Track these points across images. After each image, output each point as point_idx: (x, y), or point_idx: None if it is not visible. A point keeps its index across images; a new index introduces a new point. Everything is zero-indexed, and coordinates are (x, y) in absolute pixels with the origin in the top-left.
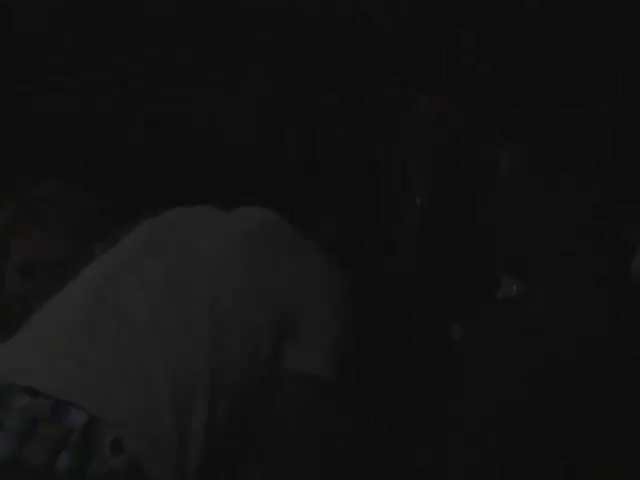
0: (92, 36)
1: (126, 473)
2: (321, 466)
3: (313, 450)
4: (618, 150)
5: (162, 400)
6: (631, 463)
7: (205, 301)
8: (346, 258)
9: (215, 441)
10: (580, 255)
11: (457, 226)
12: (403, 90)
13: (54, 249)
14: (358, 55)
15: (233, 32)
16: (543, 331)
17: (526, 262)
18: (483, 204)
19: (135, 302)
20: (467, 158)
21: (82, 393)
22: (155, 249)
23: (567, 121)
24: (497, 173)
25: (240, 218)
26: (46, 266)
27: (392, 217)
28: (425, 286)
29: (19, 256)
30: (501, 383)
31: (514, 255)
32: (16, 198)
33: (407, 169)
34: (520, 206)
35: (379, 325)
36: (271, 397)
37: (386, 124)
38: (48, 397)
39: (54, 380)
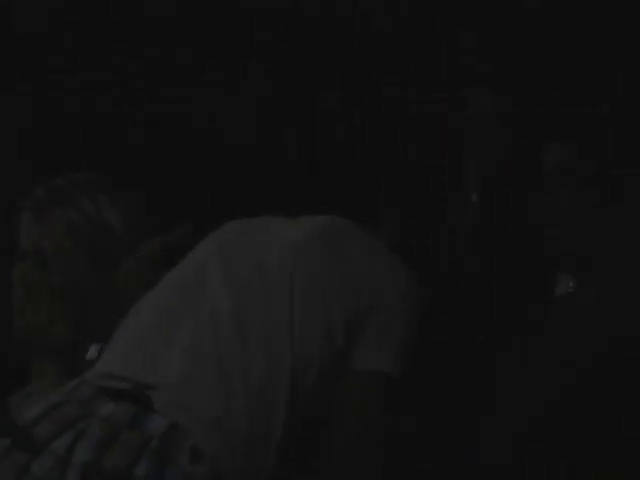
0: (92, 36)
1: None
2: (383, 465)
3: (376, 447)
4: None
5: (239, 399)
6: None
7: (284, 297)
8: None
9: (289, 440)
10: (636, 254)
11: (514, 223)
12: (403, 90)
13: (44, 244)
14: (358, 55)
15: (233, 32)
16: (590, 328)
17: (582, 260)
18: (536, 202)
19: (214, 299)
20: (525, 157)
21: (161, 392)
22: (226, 255)
23: (619, 120)
24: (547, 172)
25: (310, 221)
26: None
27: (439, 216)
28: (481, 284)
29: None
30: (544, 382)
31: (571, 253)
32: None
33: (465, 168)
34: (579, 204)
35: (439, 325)
36: (334, 394)
37: (386, 124)
38: (131, 405)
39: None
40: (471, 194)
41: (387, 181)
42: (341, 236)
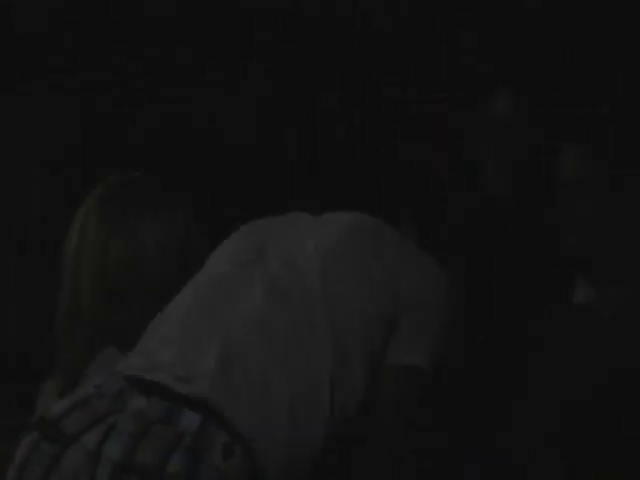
0: (92, 36)
1: (238, 477)
2: (418, 460)
3: (414, 442)
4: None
5: (280, 404)
6: None
7: (320, 304)
8: None
9: (329, 441)
10: None
11: (536, 227)
12: (403, 90)
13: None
14: (358, 55)
15: (233, 32)
16: (614, 335)
17: (591, 262)
18: (552, 205)
19: (249, 304)
20: (543, 159)
21: (209, 388)
22: (259, 256)
23: (628, 120)
24: (560, 174)
25: (340, 219)
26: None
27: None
28: (503, 286)
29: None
30: (567, 385)
31: (580, 256)
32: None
33: (484, 170)
34: (596, 211)
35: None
36: (373, 390)
37: (386, 124)
38: (164, 399)
39: (179, 375)
40: (488, 195)
41: (387, 181)
42: (373, 235)
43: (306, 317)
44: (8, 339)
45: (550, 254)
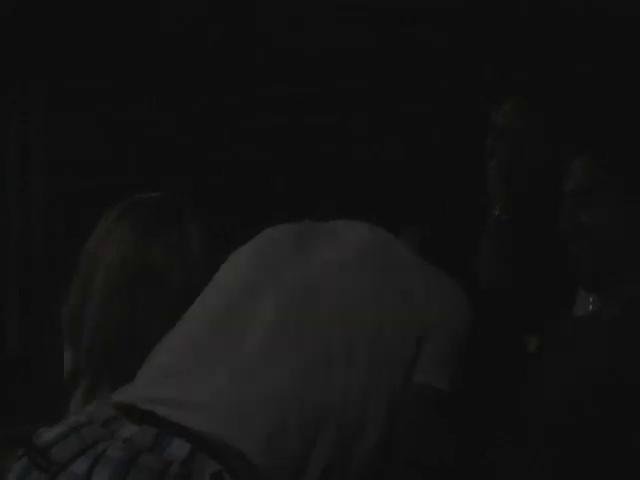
0: (92, 36)
1: None
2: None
3: (428, 461)
4: None
5: (289, 427)
6: None
7: (335, 319)
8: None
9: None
10: None
11: (536, 238)
12: (404, 90)
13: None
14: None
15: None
16: (614, 335)
17: (600, 276)
18: (557, 214)
19: (261, 332)
20: (548, 169)
21: (212, 422)
22: (275, 273)
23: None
24: (568, 184)
25: (354, 233)
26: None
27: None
28: (503, 298)
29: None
30: (568, 385)
31: (589, 270)
32: (116, 206)
33: (488, 178)
34: (601, 222)
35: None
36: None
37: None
38: (152, 427)
39: (183, 411)
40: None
41: (388, 181)
42: (388, 251)
43: (322, 335)
44: (10, 342)
45: (554, 261)
